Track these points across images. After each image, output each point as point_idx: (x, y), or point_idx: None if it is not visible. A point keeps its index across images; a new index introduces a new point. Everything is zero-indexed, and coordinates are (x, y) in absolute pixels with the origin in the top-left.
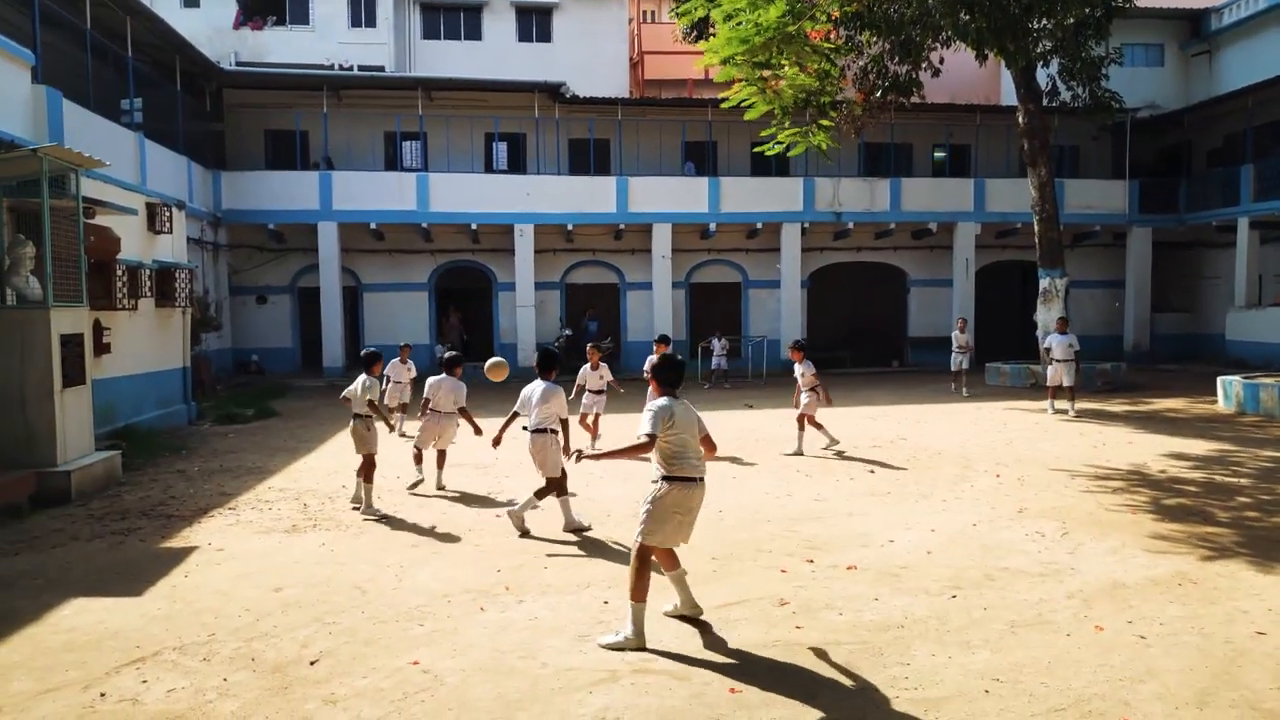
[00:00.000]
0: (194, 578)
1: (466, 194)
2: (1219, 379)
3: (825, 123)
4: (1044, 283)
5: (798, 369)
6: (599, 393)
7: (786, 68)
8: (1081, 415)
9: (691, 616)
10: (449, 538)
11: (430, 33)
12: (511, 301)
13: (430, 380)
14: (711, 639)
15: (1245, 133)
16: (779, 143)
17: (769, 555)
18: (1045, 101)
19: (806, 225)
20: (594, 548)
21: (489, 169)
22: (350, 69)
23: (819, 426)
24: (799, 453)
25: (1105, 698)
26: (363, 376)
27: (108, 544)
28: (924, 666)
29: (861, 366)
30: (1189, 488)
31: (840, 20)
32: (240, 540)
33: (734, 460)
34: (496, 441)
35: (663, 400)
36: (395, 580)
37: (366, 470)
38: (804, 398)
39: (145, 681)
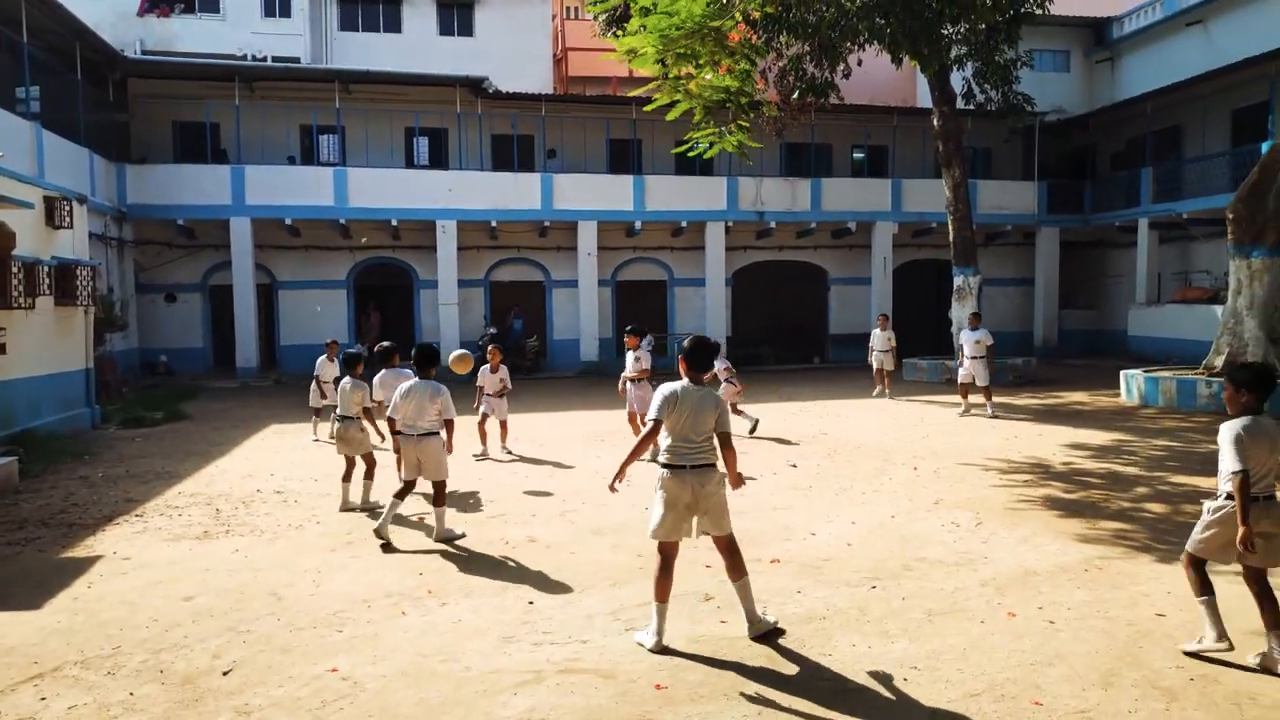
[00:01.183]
0: (98, 588)
1: (386, 189)
2: (1122, 373)
3: (742, 123)
4: (958, 280)
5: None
6: (499, 395)
7: (705, 67)
8: (995, 411)
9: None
10: (370, 541)
11: (348, 24)
12: (434, 299)
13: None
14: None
15: (1145, 137)
16: (698, 143)
17: (694, 550)
18: (959, 104)
19: (730, 224)
20: (520, 548)
21: (410, 164)
22: (264, 60)
23: (739, 413)
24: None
25: (1017, 681)
26: (347, 379)
27: (2, 556)
28: (845, 657)
29: (784, 363)
30: (1094, 479)
31: (759, 22)
32: (148, 548)
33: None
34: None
35: (670, 385)
36: (313, 586)
37: (368, 469)
38: (723, 387)
39: (44, 699)
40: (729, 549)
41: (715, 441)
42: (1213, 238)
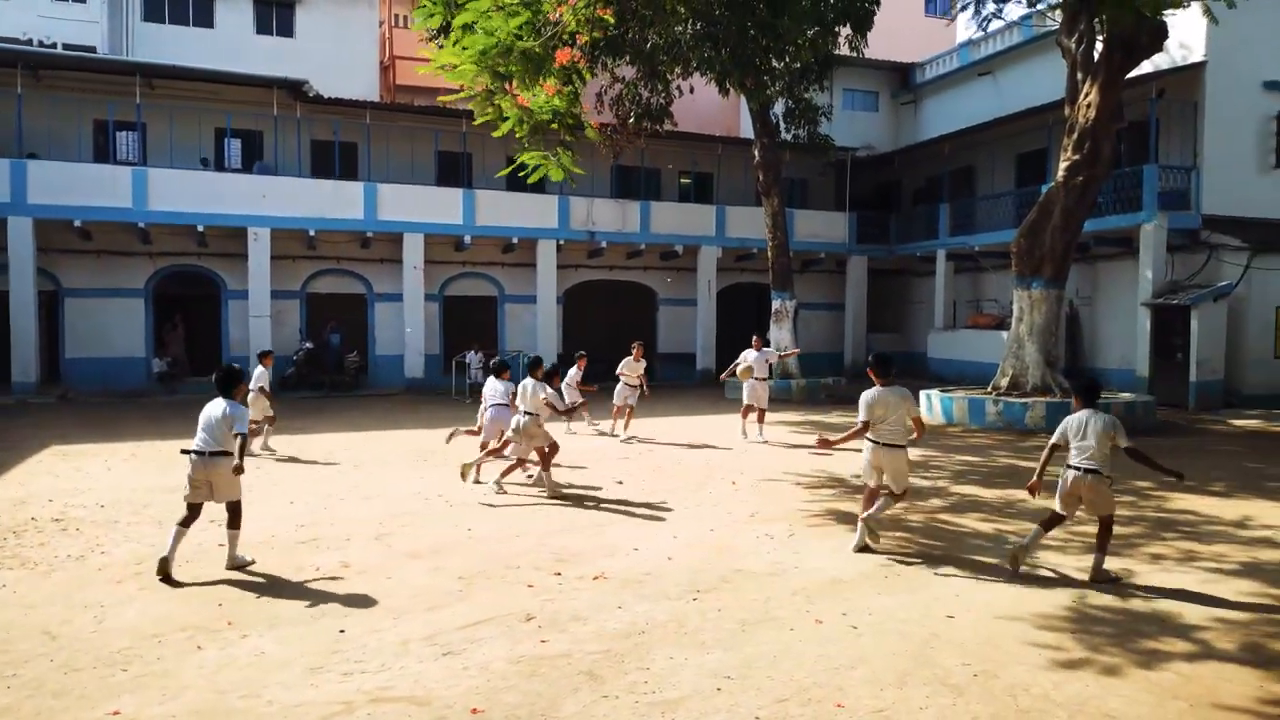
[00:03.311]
0: None
1: (192, 192)
2: (921, 393)
3: (569, 138)
4: (776, 304)
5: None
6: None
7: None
8: (804, 426)
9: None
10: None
11: (153, 14)
12: (244, 311)
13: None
14: (478, 654)
15: (943, 175)
16: (526, 166)
17: (518, 571)
18: (778, 137)
19: (562, 242)
20: (332, 574)
21: (220, 167)
22: (53, 46)
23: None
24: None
25: (823, 685)
26: (528, 381)
27: None
28: (662, 669)
29: (615, 382)
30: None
31: (588, 45)
32: None
33: (478, 483)
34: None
35: (870, 391)
36: (94, 622)
37: (544, 459)
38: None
39: None
40: (894, 496)
41: (908, 424)
42: (1000, 269)
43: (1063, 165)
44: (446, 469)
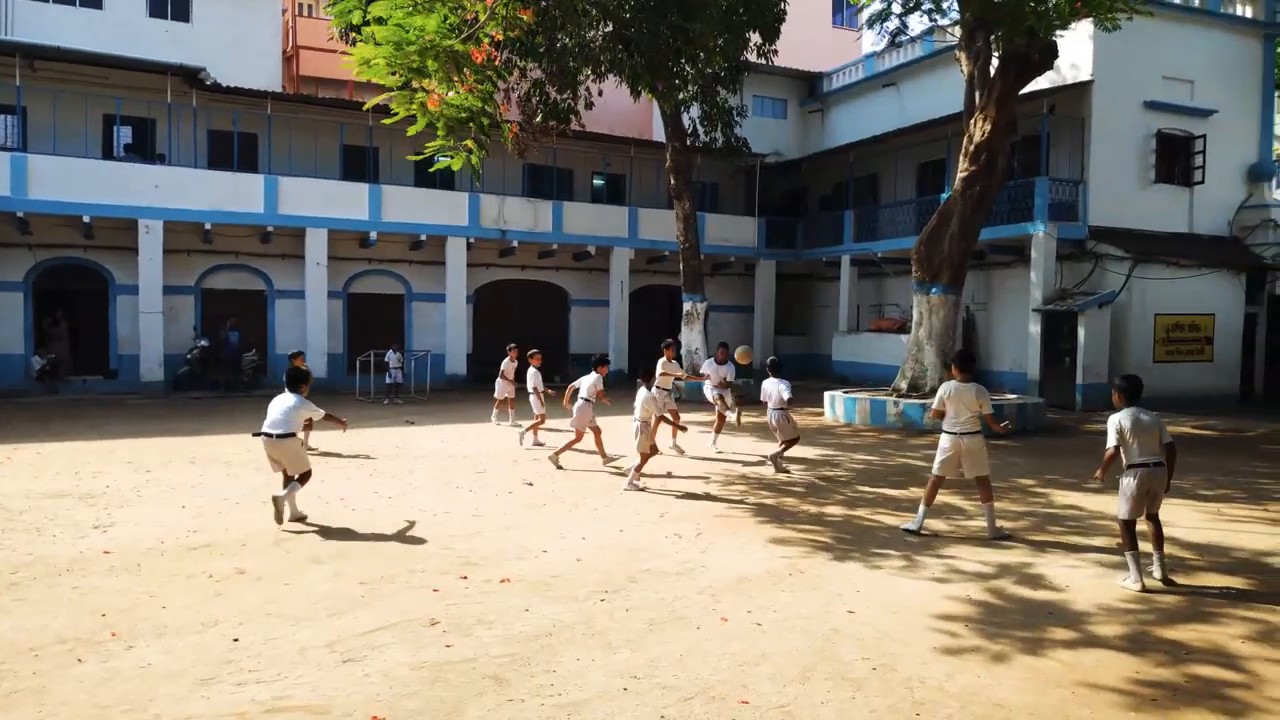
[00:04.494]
0: None
1: (78, 181)
2: (826, 394)
3: (482, 134)
4: (687, 306)
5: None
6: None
7: (441, 84)
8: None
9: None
10: (40, 581)
11: None
12: (134, 307)
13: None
14: (380, 661)
15: (848, 182)
16: (438, 157)
17: (422, 575)
18: (689, 141)
19: (472, 240)
20: (226, 581)
21: (108, 155)
22: None
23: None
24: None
25: (728, 683)
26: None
27: None
28: (569, 671)
29: (524, 380)
30: (800, 489)
31: (502, 44)
32: None
33: (392, 476)
34: None
35: (947, 384)
36: None
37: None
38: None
39: None
40: (983, 483)
41: (980, 416)
42: (902, 275)
43: (960, 175)
44: (349, 471)
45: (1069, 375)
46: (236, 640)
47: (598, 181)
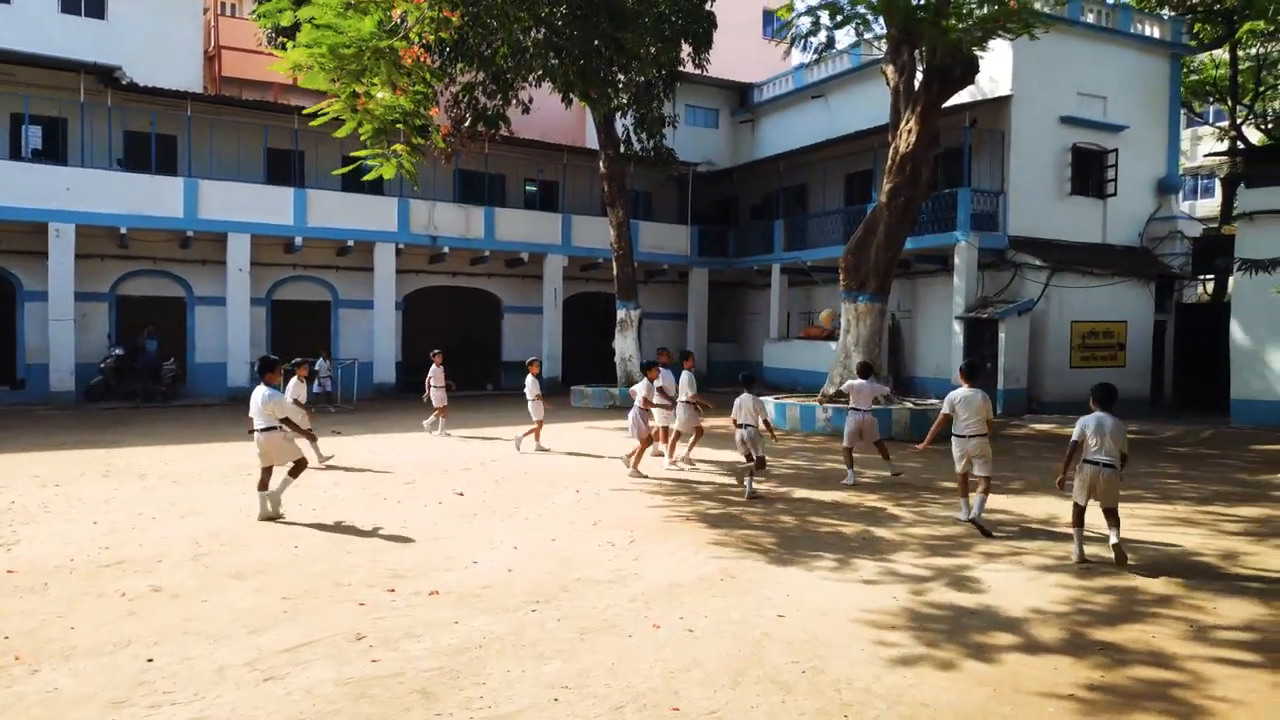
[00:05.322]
0: None
1: None
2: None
3: (415, 140)
4: (621, 313)
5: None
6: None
7: (380, 87)
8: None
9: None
10: None
11: None
12: (43, 314)
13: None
14: (303, 678)
15: (778, 192)
16: (367, 164)
17: (348, 588)
18: (622, 149)
19: (401, 246)
20: (141, 599)
21: (15, 156)
22: None
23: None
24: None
25: (659, 690)
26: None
27: None
28: (499, 683)
29: (457, 390)
30: (733, 495)
31: (432, 46)
32: None
33: (319, 489)
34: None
35: (955, 391)
36: None
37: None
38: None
39: None
40: (986, 479)
41: (985, 418)
42: (830, 283)
43: (886, 186)
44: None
45: (990, 381)
46: (151, 661)
47: (530, 188)
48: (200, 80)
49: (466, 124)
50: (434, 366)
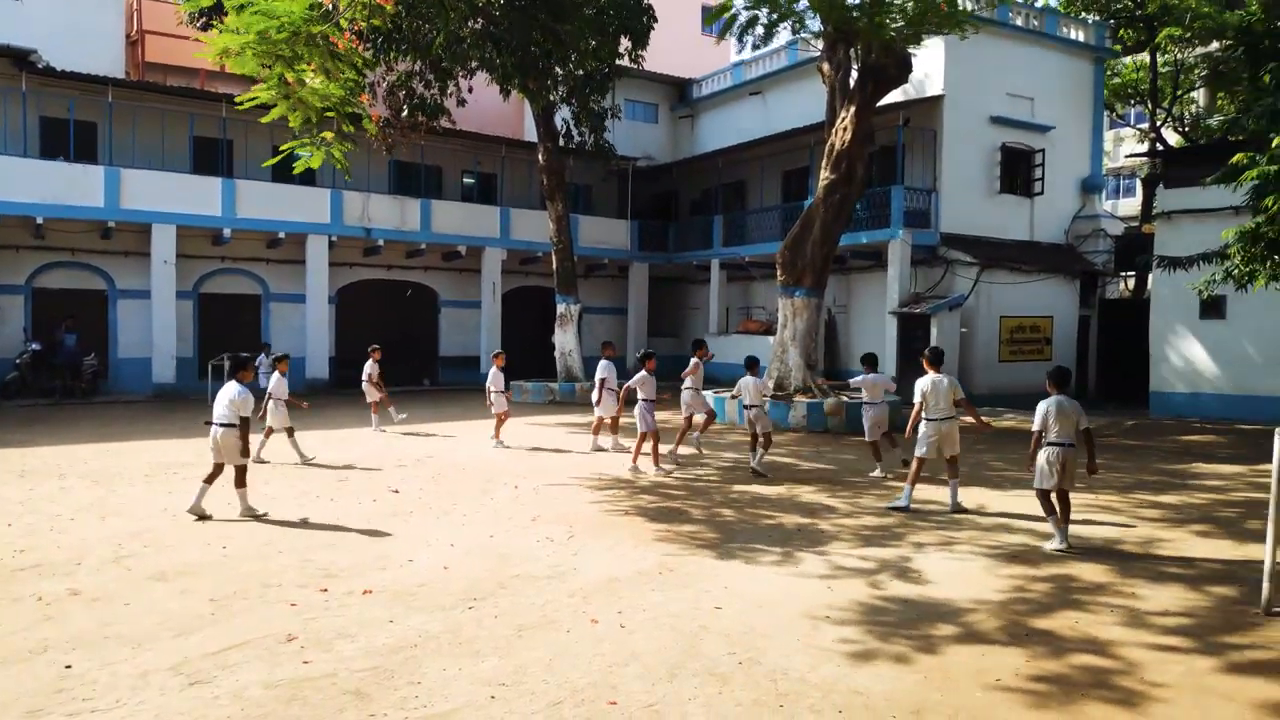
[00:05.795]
0: None
1: None
2: None
3: (346, 128)
4: (561, 308)
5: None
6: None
7: (312, 73)
8: (588, 429)
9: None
10: None
11: None
12: None
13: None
14: (231, 681)
15: (717, 188)
16: (298, 155)
17: (278, 589)
18: (561, 143)
19: (334, 239)
20: (59, 603)
21: None
22: None
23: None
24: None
25: (597, 685)
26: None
27: None
28: (435, 682)
29: (393, 385)
30: (672, 489)
31: (366, 33)
32: None
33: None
34: None
35: (927, 379)
36: None
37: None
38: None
39: None
40: (953, 461)
41: (956, 402)
42: (768, 278)
43: (822, 183)
44: (197, 482)
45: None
46: (69, 667)
47: (468, 180)
48: (122, 65)
49: (405, 113)
50: (370, 362)
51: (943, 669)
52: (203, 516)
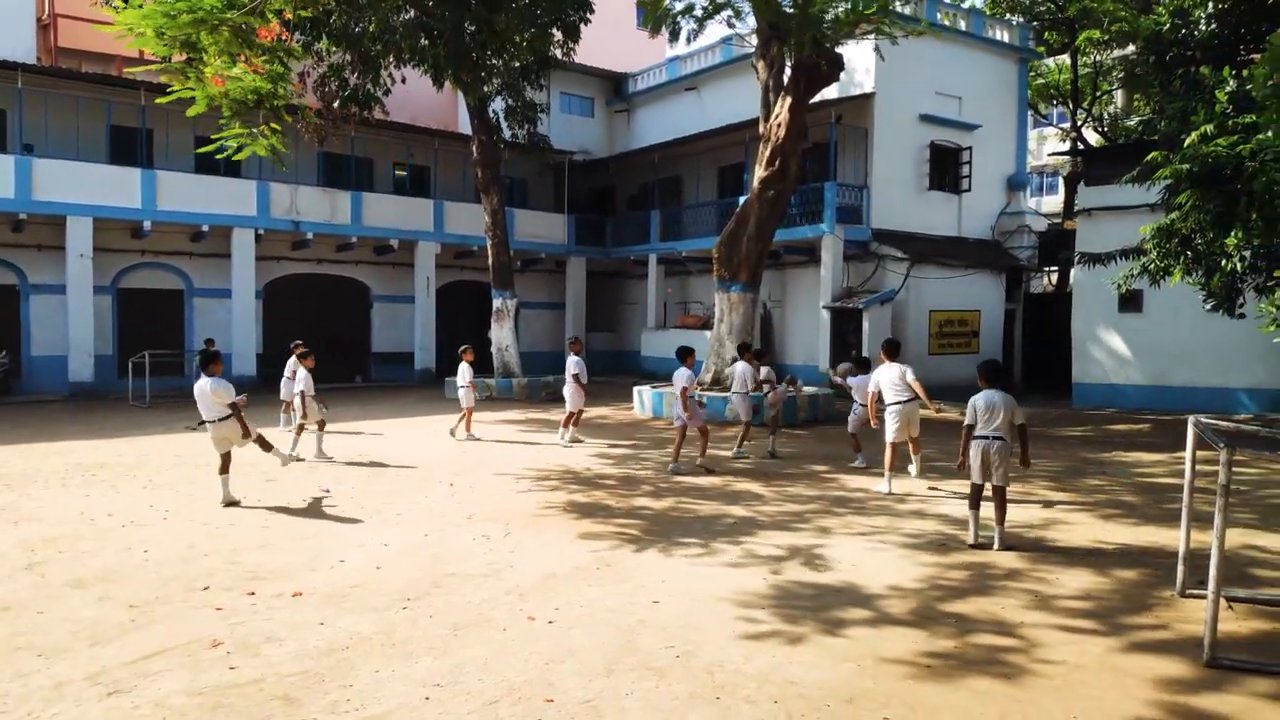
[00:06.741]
0: None
1: None
2: (635, 389)
3: (275, 126)
4: (497, 302)
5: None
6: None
7: (215, 58)
8: (526, 424)
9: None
10: None
11: None
12: None
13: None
14: (152, 690)
15: (654, 183)
16: (226, 145)
17: (203, 593)
18: (495, 136)
19: (261, 232)
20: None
21: None
22: None
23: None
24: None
25: (534, 682)
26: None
27: None
28: (367, 684)
29: (324, 381)
30: (610, 483)
31: (293, 23)
32: None
33: (170, 488)
34: None
35: (878, 371)
36: None
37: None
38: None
39: None
40: (916, 439)
41: (913, 390)
42: (705, 273)
43: (757, 179)
44: (118, 483)
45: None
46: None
47: (400, 173)
48: (33, 50)
49: (337, 104)
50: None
51: (874, 655)
52: (232, 503)
